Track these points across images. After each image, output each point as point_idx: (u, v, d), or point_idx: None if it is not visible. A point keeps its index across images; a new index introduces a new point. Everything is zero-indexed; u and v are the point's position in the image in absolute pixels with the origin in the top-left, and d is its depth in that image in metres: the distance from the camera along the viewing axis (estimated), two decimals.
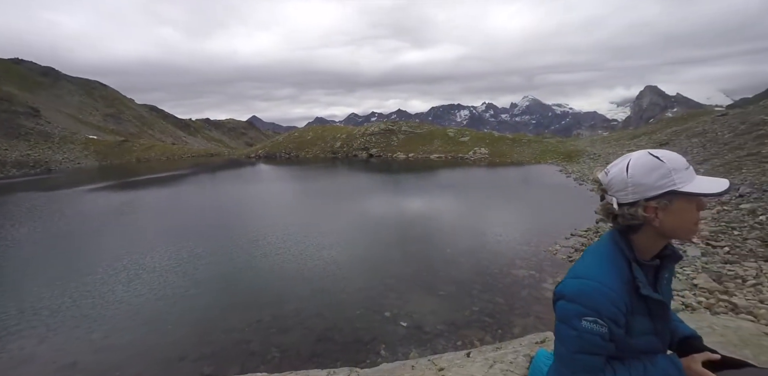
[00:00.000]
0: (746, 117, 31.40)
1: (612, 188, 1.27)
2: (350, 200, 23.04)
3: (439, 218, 17.87)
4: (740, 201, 16.10)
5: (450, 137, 53.70)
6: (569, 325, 1.22)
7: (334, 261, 12.19)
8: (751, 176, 18.68)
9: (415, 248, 13.34)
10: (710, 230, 14.11)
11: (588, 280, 1.23)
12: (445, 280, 10.60)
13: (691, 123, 37.81)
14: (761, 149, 22.90)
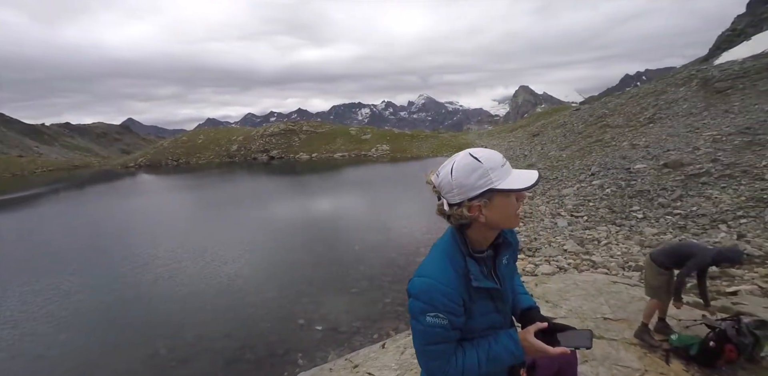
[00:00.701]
0: (593, 111, 38.30)
1: (442, 189, 1.31)
2: (252, 207, 21.65)
3: (346, 217, 17.98)
4: (592, 179, 19.61)
5: (352, 135, 54.34)
6: (417, 320, 1.30)
7: (239, 275, 11.34)
8: (599, 158, 22.84)
9: (325, 248, 13.20)
10: (572, 204, 16.93)
11: (426, 278, 1.30)
12: (357, 277, 10.71)
13: (555, 117, 44.58)
14: (604, 136, 28.16)
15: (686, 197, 13.87)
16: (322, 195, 24.61)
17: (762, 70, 26.18)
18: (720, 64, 32.50)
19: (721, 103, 24.57)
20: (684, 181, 15.16)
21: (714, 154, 16.87)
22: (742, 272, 7.69)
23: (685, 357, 4.18)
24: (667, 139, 21.37)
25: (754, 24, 38.82)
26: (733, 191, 13.27)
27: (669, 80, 35.37)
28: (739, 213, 11.54)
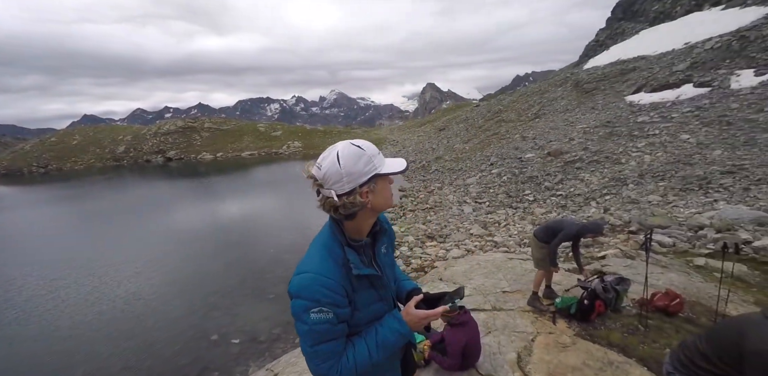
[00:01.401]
0: (491, 107, 42.21)
1: (329, 180, 1.27)
2: (147, 217, 18.94)
3: (258, 219, 17.06)
4: (492, 168, 21.67)
5: (262, 132, 51.56)
6: (301, 321, 1.26)
7: (137, 296, 9.88)
8: (496, 149, 25.28)
9: (236, 255, 12.31)
10: (476, 191, 18.56)
11: (306, 273, 1.28)
12: (273, 281, 10.22)
13: (458, 112, 48.06)
14: (500, 130, 31.24)
15: (565, 180, 16.18)
16: (230, 198, 22.88)
17: (618, 75, 31.62)
18: (587, 68, 38.34)
19: (588, 101, 29.06)
20: (563, 167, 17.63)
21: (585, 143, 19.90)
22: (608, 239, 9.21)
23: (567, 316, 4.82)
24: (549, 132, 24.56)
25: (611, 37, 46.67)
26: (600, 173, 15.86)
27: (550, 81, 40.76)
28: (604, 191, 13.87)
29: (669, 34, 33.94)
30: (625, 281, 5.04)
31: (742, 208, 9.15)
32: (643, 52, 33.49)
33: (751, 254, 6.94)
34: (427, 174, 25.67)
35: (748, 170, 12.42)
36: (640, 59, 32.19)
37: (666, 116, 20.38)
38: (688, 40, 29.90)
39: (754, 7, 28.68)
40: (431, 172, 25.72)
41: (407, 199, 19.71)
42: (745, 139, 15.15)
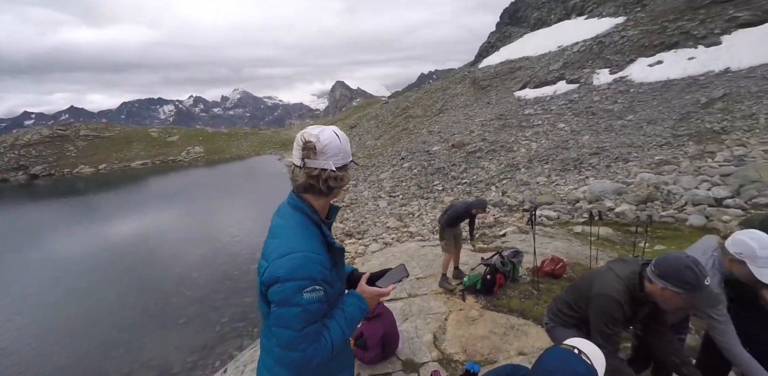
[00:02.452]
0: (399, 104, 43.70)
1: (328, 152, 1.28)
2: (13, 252, 15.35)
3: (158, 237, 14.98)
4: (403, 162, 22.44)
5: (154, 138, 45.72)
6: (292, 304, 1.23)
7: (11, 349, 8.03)
8: (406, 144, 26.27)
9: (134, 281, 10.67)
10: (390, 186, 19.09)
11: (296, 253, 1.26)
12: (182, 304, 9.13)
13: (368, 110, 48.77)
14: (408, 125, 32.57)
15: (469, 169, 17.52)
16: (119, 217, 19.64)
17: (507, 73, 35.17)
18: (482, 67, 41.76)
19: (484, 96, 31.85)
20: (466, 157, 19.06)
21: (483, 135, 21.75)
22: (506, 218, 10.18)
23: (474, 292, 5.16)
24: (452, 126, 26.36)
25: (501, 39, 51.63)
26: (497, 161, 17.50)
27: (451, 79, 43.76)
28: (501, 177, 15.36)
29: (546, 39, 38.80)
30: (519, 253, 5.58)
31: (606, 182, 10.89)
32: (526, 54, 37.79)
33: (614, 219, 8.28)
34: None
35: (608, 151, 14.85)
36: (525, 59, 36.29)
37: (546, 108, 23.34)
38: (561, 44, 34.54)
39: (607, 18, 34.26)
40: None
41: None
42: (605, 125, 18.07)
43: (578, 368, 1.27)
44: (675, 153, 12.81)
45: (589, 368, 1.27)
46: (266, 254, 1.32)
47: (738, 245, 1.87)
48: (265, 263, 1.30)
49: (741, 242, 1.86)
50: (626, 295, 1.86)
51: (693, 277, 1.65)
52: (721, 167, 9.79)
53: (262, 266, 1.33)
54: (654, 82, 21.38)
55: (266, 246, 1.36)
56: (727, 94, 16.49)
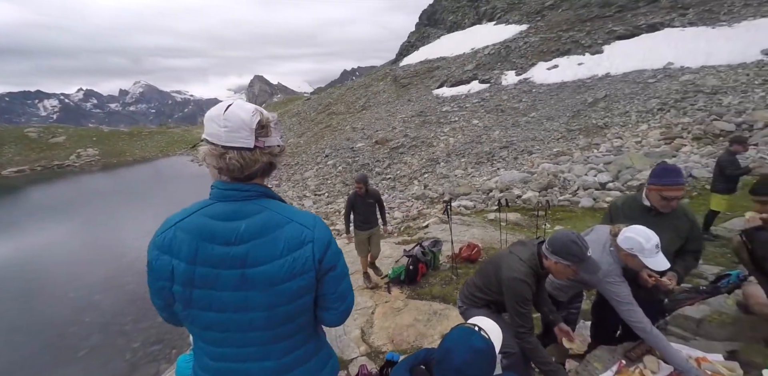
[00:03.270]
0: (321, 100, 42.92)
1: (277, 128, 1.20)
2: None
3: (45, 260, 12.29)
4: (327, 159, 22.06)
5: (33, 140, 38.27)
6: (341, 254, 1.27)
7: None
8: (330, 141, 25.95)
9: (20, 316, 8.81)
10: (315, 184, 18.71)
11: (318, 219, 1.25)
12: (82, 334, 7.75)
13: (290, 106, 47.15)
14: (332, 122, 32.19)
15: (392, 165, 17.92)
16: None
17: (426, 72, 36.54)
18: (402, 65, 42.86)
19: (405, 94, 32.77)
20: (389, 153, 19.46)
21: (405, 131, 22.38)
22: (429, 210, 10.58)
23: (399, 283, 5.25)
24: (375, 122, 26.69)
25: (420, 39, 53.35)
26: (418, 156, 18.16)
27: (373, 76, 44.21)
28: (423, 171, 15.99)
29: (461, 41, 41.09)
30: (439, 242, 5.81)
31: (514, 172, 11.94)
32: (443, 54, 39.66)
33: (522, 205, 9.10)
34: None
35: (516, 145, 16.31)
36: (442, 59, 38.08)
37: (462, 106, 24.82)
38: (474, 47, 36.84)
39: (513, 25, 37.48)
40: None
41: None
42: (512, 122, 19.79)
43: (476, 343, 1.38)
44: (569, 145, 14.56)
45: (486, 342, 1.39)
46: (296, 237, 1.15)
47: (628, 242, 2.08)
48: (304, 241, 1.16)
49: (630, 239, 2.07)
50: (531, 275, 2.07)
51: (578, 250, 1.90)
52: (604, 157, 11.37)
53: (305, 246, 1.16)
54: (552, 84, 24.01)
55: (275, 239, 1.13)
56: (607, 95, 19.16)
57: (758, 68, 16.67)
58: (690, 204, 7.56)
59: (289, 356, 1.25)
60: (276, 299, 1.14)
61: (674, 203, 2.17)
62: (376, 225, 5.24)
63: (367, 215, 5.11)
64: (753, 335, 2.49)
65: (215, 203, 1.16)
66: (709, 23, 23.83)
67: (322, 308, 1.27)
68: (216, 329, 1.17)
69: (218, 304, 1.14)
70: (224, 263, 1.11)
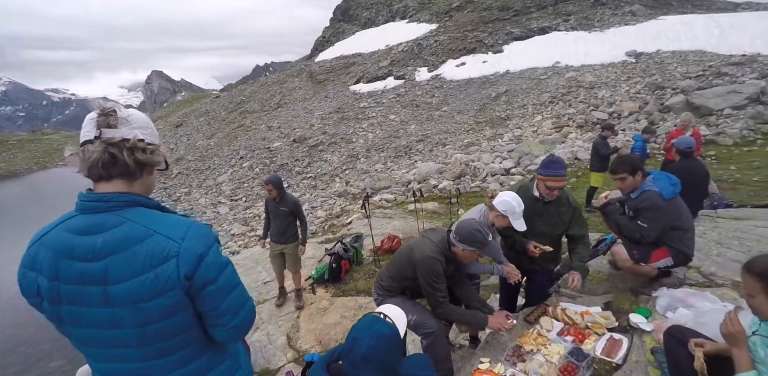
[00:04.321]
0: (233, 98, 40.07)
1: (132, 122, 1.11)
2: None
3: None
4: (242, 161, 20.78)
5: None
6: (224, 266, 1.16)
7: None
8: (244, 141, 24.39)
9: None
10: (230, 189, 17.51)
11: (192, 224, 1.16)
12: None
13: (196, 105, 43.21)
14: (245, 121, 30.29)
15: (312, 163, 17.53)
16: None
17: (342, 68, 36.24)
18: (318, 61, 42.10)
19: (322, 90, 32.20)
20: (309, 152, 19.00)
21: (323, 128, 22.01)
22: (351, 206, 10.56)
23: (323, 282, 5.14)
24: (292, 120, 25.82)
25: (335, 35, 52.63)
26: (338, 153, 18.02)
27: (288, 72, 42.56)
28: (344, 167, 15.92)
29: (375, 37, 41.55)
30: (360, 237, 5.82)
31: (430, 163, 12.52)
32: (359, 50, 39.79)
33: (438, 194, 9.57)
34: (168, 180, 21.69)
35: (431, 137, 17.08)
36: (357, 56, 38.14)
37: (379, 101, 25.22)
38: (388, 43, 37.57)
39: (424, 24, 39.02)
40: (173, 178, 21.96)
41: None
42: (427, 116, 20.67)
43: (380, 329, 1.43)
44: (477, 136, 15.69)
45: (391, 327, 1.46)
46: (154, 253, 1.03)
47: (504, 204, 2.38)
48: (166, 257, 1.04)
49: (506, 202, 2.37)
50: (441, 255, 2.25)
51: (481, 237, 2.13)
52: (507, 145, 12.49)
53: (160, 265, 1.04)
54: (460, 80, 25.57)
55: (133, 256, 1.03)
56: (508, 90, 21.00)
57: (623, 67, 19.63)
58: (577, 182, 8.66)
59: (176, 372, 1.17)
60: (144, 317, 1.06)
61: (556, 192, 2.41)
62: (292, 241, 4.48)
63: (280, 226, 4.39)
64: (623, 287, 2.91)
65: (77, 216, 1.08)
66: (586, 29, 27.49)
67: (208, 324, 1.17)
68: (94, 345, 1.12)
69: (88, 321, 1.08)
70: (86, 279, 1.04)
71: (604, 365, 2.18)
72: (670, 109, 12.78)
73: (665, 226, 2.48)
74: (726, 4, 30.69)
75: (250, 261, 6.53)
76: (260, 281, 5.65)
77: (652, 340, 2.24)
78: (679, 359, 1.76)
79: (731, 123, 11.07)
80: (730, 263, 2.93)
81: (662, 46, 20.85)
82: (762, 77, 13.32)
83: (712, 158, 9.08)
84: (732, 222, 4.02)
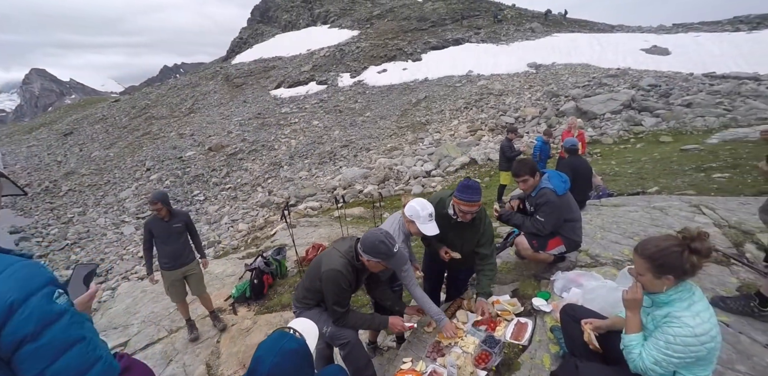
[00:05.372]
0: (136, 102, 35.94)
1: None
2: None
3: None
4: (150, 174, 18.65)
5: None
6: (54, 316, 0.95)
7: None
8: (151, 151, 22.01)
9: None
10: (135, 206, 15.44)
11: (13, 264, 0.97)
12: None
13: (90, 110, 37.97)
14: (152, 128, 27.40)
15: (232, 173, 16.46)
16: None
17: (262, 71, 34.76)
18: (235, 64, 39.94)
19: (240, 94, 30.52)
20: (227, 160, 17.81)
21: (242, 135, 20.85)
22: (275, 217, 10.09)
23: (245, 301, 4.79)
24: (207, 127, 24.03)
25: (253, 36, 50.20)
26: (260, 161, 17.18)
27: (201, 74, 39.52)
28: (266, 176, 15.20)
29: (297, 41, 40.65)
30: (283, 249, 5.57)
31: (355, 169, 12.55)
32: (279, 54, 38.60)
33: (364, 198, 9.62)
34: (56, 199, 18.34)
35: (355, 143, 17.16)
36: (278, 59, 36.93)
37: (301, 107, 24.69)
38: (310, 48, 37.02)
39: (346, 30, 39.17)
40: (62, 195, 18.67)
41: (30, 243, 13.40)
42: (350, 121, 20.74)
43: (287, 345, 1.38)
44: (400, 140, 16.17)
45: (298, 342, 1.41)
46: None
47: (410, 210, 2.43)
48: None
49: (411, 207, 2.42)
50: (348, 266, 2.20)
51: (386, 248, 2.09)
52: (428, 148, 13.06)
53: None
54: (382, 86, 26.19)
55: None
56: (427, 96, 22.02)
57: (526, 77, 21.81)
58: (490, 181, 9.36)
59: None
60: None
61: (469, 216, 2.45)
62: (191, 259, 4.09)
63: (176, 246, 3.92)
64: (528, 274, 3.18)
65: None
66: (494, 41, 30.10)
67: None
68: None
69: None
70: None
71: (513, 348, 2.34)
72: (564, 113, 14.54)
73: (559, 218, 2.78)
74: (604, 26, 36.13)
75: (159, 286, 5.84)
76: (172, 308, 5.10)
77: (551, 319, 2.45)
78: (573, 334, 1.95)
79: (611, 125, 12.95)
80: (611, 245, 3.37)
81: (556, 59, 23.66)
82: (632, 87, 15.82)
83: (597, 155, 10.47)
84: (612, 209, 4.64)
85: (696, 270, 1.42)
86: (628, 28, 34.35)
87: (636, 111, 13.75)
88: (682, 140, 10.51)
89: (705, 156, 8.31)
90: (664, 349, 1.40)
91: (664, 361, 1.41)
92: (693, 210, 4.09)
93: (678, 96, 14.39)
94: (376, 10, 40.53)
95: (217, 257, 7.80)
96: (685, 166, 7.79)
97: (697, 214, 3.95)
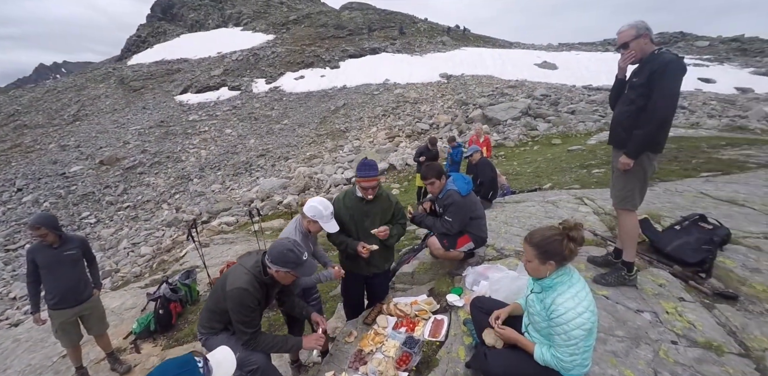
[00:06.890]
0: (1, 108, 30.00)
1: None
2: None
3: None
4: (21, 195, 15.65)
5: None
6: None
7: None
8: (22, 167, 18.51)
9: None
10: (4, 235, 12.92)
11: None
12: None
13: None
14: (23, 140, 23.08)
15: (130, 189, 14.55)
16: None
17: (164, 74, 31.50)
18: (132, 65, 35.62)
19: (138, 100, 27.32)
20: (124, 175, 15.73)
21: (142, 146, 18.66)
22: (185, 236, 9.16)
23: (150, 335, 4.21)
24: (97, 137, 21.03)
25: (154, 35, 45.20)
26: (165, 174, 15.50)
27: (89, 75, 34.36)
28: (173, 191, 13.74)
29: (205, 42, 37.82)
30: (192, 272, 5.06)
31: (273, 179, 12.02)
32: (185, 55, 35.53)
33: (284, 210, 9.23)
34: None
35: (272, 152, 16.46)
36: (183, 62, 33.94)
37: (212, 114, 22.98)
38: (220, 50, 34.75)
39: (260, 34, 37.62)
40: None
41: None
42: (267, 129, 19.88)
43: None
44: (319, 148, 15.94)
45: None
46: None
47: (312, 210, 2.48)
48: None
49: (313, 207, 2.47)
50: (254, 283, 2.06)
51: (294, 257, 2.01)
52: (348, 156, 13.09)
53: None
54: (300, 93, 25.65)
55: None
56: (346, 103, 22.10)
57: (438, 86, 23.15)
58: (409, 185, 9.68)
59: None
60: None
61: (371, 191, 2.57)
62: (89, 295, 3.36)
63: (72, 278, 3.22)
64: (443, 272, 3.31)
65: None
66: (409, 52, 31.55)
67: None
68: None
69: None
70: None
71: (431, 346, 2.40)
72: (473, 120, 15.76)
73: (465, 217, 2.96)
74: (504, 42, 40.29)
75: (38, 332, 4.84)
76: (57, 355, 4.26)
77: (464, 313, 2.57)
78: (481, 325, 2.06)
79: (512, 130, 14.36)
80: (513, 238, 3.68)
81: (465, 70, 25.61)
82: (528, 97, 17.82)
83: (502, 157, 11.51)
84: (513, 205, 5.10)
85: (573, 255, 1.62)
86: (523, 45, 38.85)
87: (532, 117, 15.52)
88: (569, 142, 12.10)
89: (586, 155, 9.64)
90: (567, 340, 1.56)
91: (575, 349, 1.56)
92: (578, 202, 4.67)
93: (564, 104, 16.61)
94: (293, 15, 39.83)
95: (114, 289, 6.77)
96: (571, 164, 8.95)
97: (581, 205, 4.53)
